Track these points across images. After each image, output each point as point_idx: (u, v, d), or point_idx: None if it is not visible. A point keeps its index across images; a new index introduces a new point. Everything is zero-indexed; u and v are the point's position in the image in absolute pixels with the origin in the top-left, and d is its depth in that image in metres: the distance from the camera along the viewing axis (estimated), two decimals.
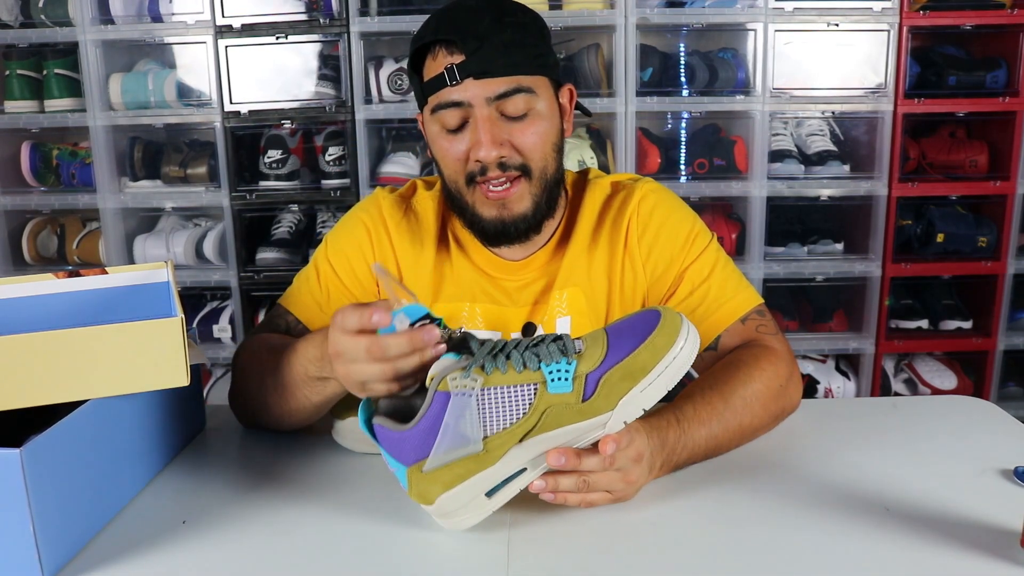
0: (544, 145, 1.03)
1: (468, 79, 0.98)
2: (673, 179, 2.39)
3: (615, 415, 0.74)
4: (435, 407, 0.72)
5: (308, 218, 2.50)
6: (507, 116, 1.01)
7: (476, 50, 0.97)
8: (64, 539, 0.75)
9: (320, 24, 2.30)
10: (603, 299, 1.12)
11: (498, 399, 0.72)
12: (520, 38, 1.00)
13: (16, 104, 2.39)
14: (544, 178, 1.05)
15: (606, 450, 0.75)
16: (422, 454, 0.73)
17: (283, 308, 1.12)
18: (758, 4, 2.27)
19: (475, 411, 0.72)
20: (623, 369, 0.73)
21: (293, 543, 0.78)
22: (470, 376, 0.72)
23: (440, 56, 1.00)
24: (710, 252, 1.10)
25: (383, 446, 0.75)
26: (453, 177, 1.05)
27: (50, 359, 0.78)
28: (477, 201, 1.05)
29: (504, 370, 0.72)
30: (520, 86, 1.00)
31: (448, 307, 1.12)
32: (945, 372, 2.49)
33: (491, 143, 1.00)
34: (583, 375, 0.73)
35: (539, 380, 0.72)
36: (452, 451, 0.73)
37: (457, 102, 1.00)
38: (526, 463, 0.75)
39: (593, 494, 0.79)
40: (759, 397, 0.96)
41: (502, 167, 1.01)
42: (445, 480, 0.74)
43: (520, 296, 1.12)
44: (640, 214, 1.11)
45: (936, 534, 0.76)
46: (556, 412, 0.73)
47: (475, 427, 0.72)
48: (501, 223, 1.05)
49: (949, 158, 2.42)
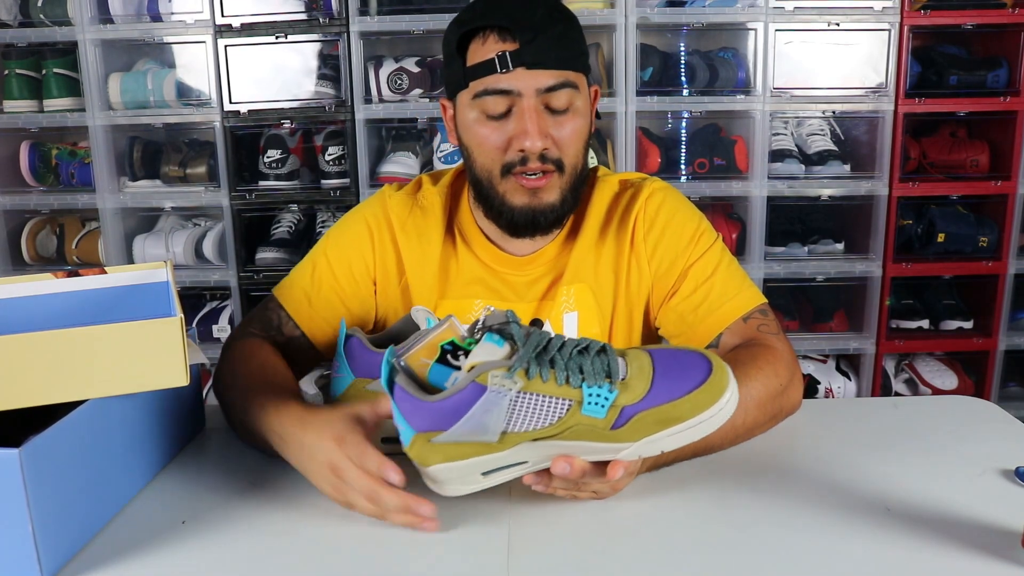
0: (579, 141, 1.04)
1: (520, 68, 0.98)
2: (673, 179, 2.39)
3: (633, 448, 0.74)
4: (467, 395, 0.72)
5: (308, 218, 2.50)
6: (550, 109, 1.01)
7: (531, 40, 0.97)
8: (63, 539, 0.75)
9: (320, 23, 2.30)
10: (609, 295, 1.12)
11: (531, 405, 0.72)
12: (570, 32, 1.01)
13: (15, 104, 2.39)
14: (575, 173, 1.06)
15: (615, 474, 0.76)
16: (436, 427, 0.73)
17: (276, 302, 1.12)
18: (758, 4, 2.27)
19: (504, 409, 0.72)
20: (660, 413, 0.73)
21: (293, 543, 0.77)
22: (512, 378, 0.71)
23: (491, 42, 1.00)
24: (714, 250, 1.10)
25: (398, 405, 0.74)
26: (488, 165, 1.05)
27: (50, 359, 0.78)
28: (508, 190, 1.04)
29: (546, 378, 0.72)
30: (567, 81, 1.01)
31: (454, 303, 1.12)
32: (946, 372, 2.49)
33: (537, 134, 1.00)
34: (620, 406, 0.73)
35: (576, 399, 0.72)
36: (468, 435, 0.73)
37: (506, 90, 1.00)
38: (530, 458, 0.76)
39: (581, 493, 0.81)
40: (755, 396, 0.95)
41: (542, 159, 1.02)
42: (449, 454, 0.74)
43: (526, 291, 1.12)
44: (647, 211, 1.12)
45: (937, 534, 0.76)
46: (580, 430, 0.73)
47: (499, 422, 0.72)
48: (531, 211, 1.05)
49: (950, 158, 2.42)
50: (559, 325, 1.12)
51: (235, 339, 1.08)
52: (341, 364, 0.97)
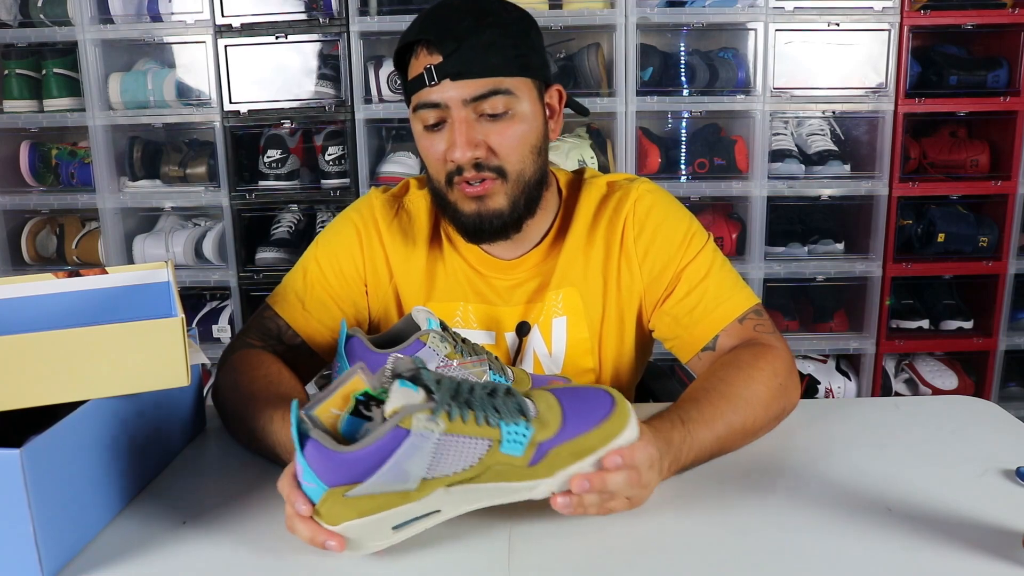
0: (521, 147, 1.03)
1: (445, 80, 0.98)
2: (673, 179, 2.39)
3: (548, 483, 0.75)
4: (389, 441, 0.69)
5: (308, 218, 2.50)
6: (485, 116, 1.00)
7: (453, 51, 0.97)
8: (64, 539, 0.75)
9: (320, 23, 2.30)
10: (599, 299, 1.12)
11: (452, 448, 0.71)
12: (500, 39, 0.99)
13: (15, 104, 2.39)
14: (522, 180, 1.04)
15: (614, 463, 0.75)
16: (352, 479, 0.70)
17: (272, 311, 1.12)
18: (758, 4, 2.27)
19: (428, 453, 0.70)
20: (575, 446, 0.74)
21: (293, 543, 0.77)
22: (435, 420, 0.70)
23: (421, 56, 1.01)
24: (707, 252, 1.10)
25: (308, 461, 0.70)
26: (436, 176, 1.06)
27: (50, 359, 0.78)
28: (458, 199, 1.05)
29: (466, 419, 0.71)
30: (498, 88, 0.99)
31: (441, 306, 1.12)
32: (946, 372, 2.49)
33: (465, 145, 0.99)
34: (537, 443, 0.73)
35: (494, 438, 0.72)
36: (386, 485, 0.70)
37: (435, 103, 1.00)
38: (443, 506, 0.74)
39: (612, 502, 0.78)
40: (760, 397, 0.95)
41: (478, 168, 1.01)
42: (362, 509, 0.71)
43: (513, 295, 1.12)
44: (636, 214, 1.11)
45: (938, 534, 0.76)
46: (499, 470, 0.73)
47: (420, 468, 0.70)
48: (478, 217, 1.04)
49: (950, 158, 2.42)
50: (548, 330, 1.12)
51: (233, 350, 1.08)
52: (342, 364, 0.97)
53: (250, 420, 0.93)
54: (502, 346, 1.13)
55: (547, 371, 1.13)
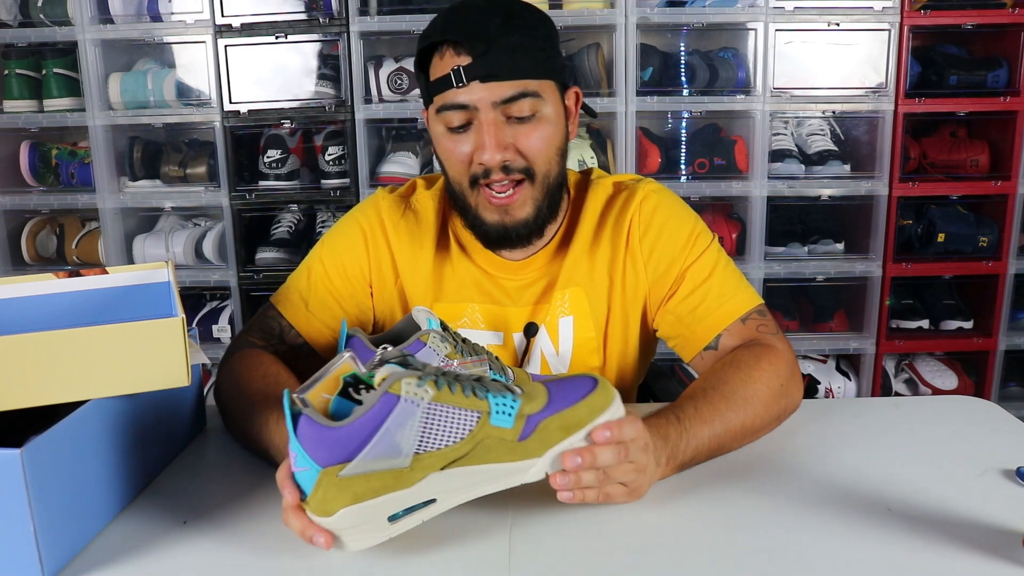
0: (548, 149, 1.03)
1: (474, 82, 0.98)
2: (673, 179, 2.39)
3: (541, 463, 0.75)
4: (380, 408, 0.70)
5: (308, 218, 2.50)
6: (512, 118, 1.00)
7: (483, 53, 0.97)
8: (65, 539, 0.75)
9: (320, 23, 2.30)
10: (604, 299, 1.12)
11: (442, 417, 0.72)
12: (528, 41, 0.99)
13: (15, 104, 2.39)
14: (547, 182, 1.05)
15: (602, 436, 0.76)
16: (346, 456, 0.70)
17: (275, 310, 1.11)
18: (758, 4, 2.27)
19: (417, 423, 0.71)
20: (561, 419, 0.75)
21: (293, 543, 0.77)
22: (423, 387, 0.71)
23: (447, 56, 1.00)
24: (711, 252, 1.10)
25: (301, 442, 0.71)
26: (457, 178, 1.05)
27: (50, 359, 0.78)
28: (480, 204, 1.05)
29: (453, 390, 0.73)
30: (526, 90, 0.99)
31: (448, 307, 1.12)
32: (946, 372, 2.49)
33: (495, 147, 0.99)
34: (525, 415, 0.74)
35: (484, 410, 0.73)
36: (379, 460, 0.71)
37: (463, 104, 1.00)
38: (439, 494, 0.74)
39: (610, 486, 0.78)
40: (760, 396, 0.95)
41: (505, 170, 1.01)
42: (357, 491, 0.71)
43: (521, 296, 1.12)
44: (642, 214, 1.11)
45: (938, 534, 0.76)
46: (489, 445, 0.73)
47: (412, 440, 0.71)
48: (503, 228, 1.05)
49: (950, 158, 2.42)
50: (555, 329, 1.12)
51: (235, 349, 1.08)
52: None
53: (248, 421, 0.93)
54: (510, 347, 1.13)
55: (554, 371, 1.13)
